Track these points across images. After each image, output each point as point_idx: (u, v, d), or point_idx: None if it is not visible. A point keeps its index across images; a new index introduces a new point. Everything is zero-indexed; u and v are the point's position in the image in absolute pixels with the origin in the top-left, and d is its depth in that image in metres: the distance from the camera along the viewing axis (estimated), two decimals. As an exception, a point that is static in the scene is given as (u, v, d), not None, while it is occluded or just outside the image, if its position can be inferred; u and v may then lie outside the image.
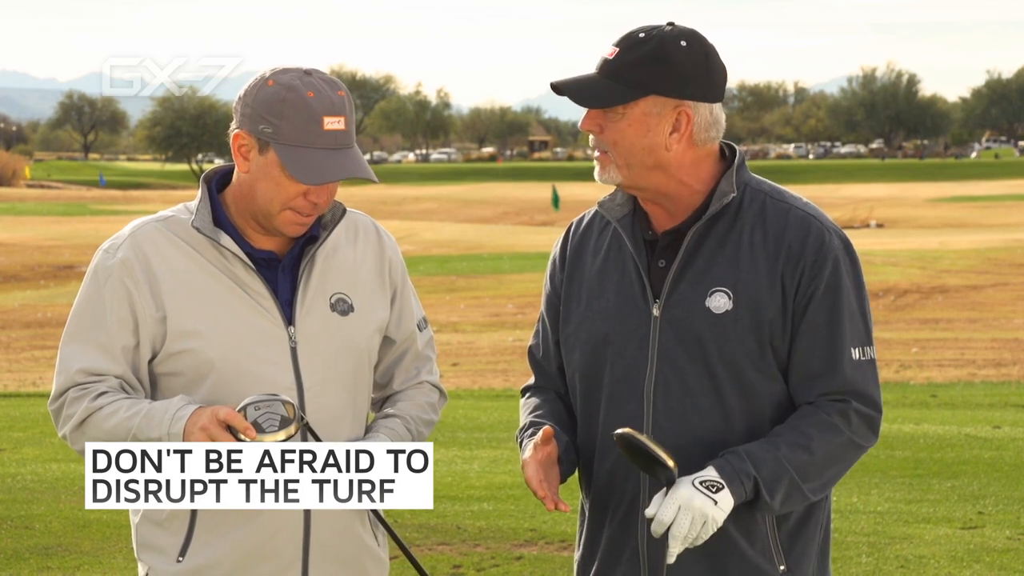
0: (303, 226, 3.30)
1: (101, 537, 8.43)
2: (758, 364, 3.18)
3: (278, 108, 3.20)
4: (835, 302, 3.18)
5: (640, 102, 3.18)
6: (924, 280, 31.99)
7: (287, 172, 3.20)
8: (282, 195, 3.24)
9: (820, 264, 3.18)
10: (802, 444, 3.13)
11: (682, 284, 3.21)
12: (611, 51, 3.21)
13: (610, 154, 3.20)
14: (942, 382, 17.61)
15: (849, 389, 3.18)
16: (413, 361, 3.53)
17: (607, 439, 3.22)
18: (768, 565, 3.21)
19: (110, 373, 3.26)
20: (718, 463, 3.09)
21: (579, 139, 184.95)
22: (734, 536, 3.17)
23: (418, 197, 79.89)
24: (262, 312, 3.29)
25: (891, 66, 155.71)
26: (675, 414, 3.19)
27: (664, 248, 3.25)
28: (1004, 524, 8.60)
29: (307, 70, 3.26)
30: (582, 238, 3.39)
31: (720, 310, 3.18)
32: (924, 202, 70.81)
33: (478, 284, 32.67)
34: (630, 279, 3.26)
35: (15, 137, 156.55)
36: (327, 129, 3.19)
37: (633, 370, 3.22)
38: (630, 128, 3.19)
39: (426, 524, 8.48)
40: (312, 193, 3.24)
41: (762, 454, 3.10)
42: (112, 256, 3.30)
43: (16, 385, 18.25)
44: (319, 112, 3.19)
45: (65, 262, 39.13)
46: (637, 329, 3.23)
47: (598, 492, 3.30)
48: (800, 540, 3.25)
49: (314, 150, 3.18)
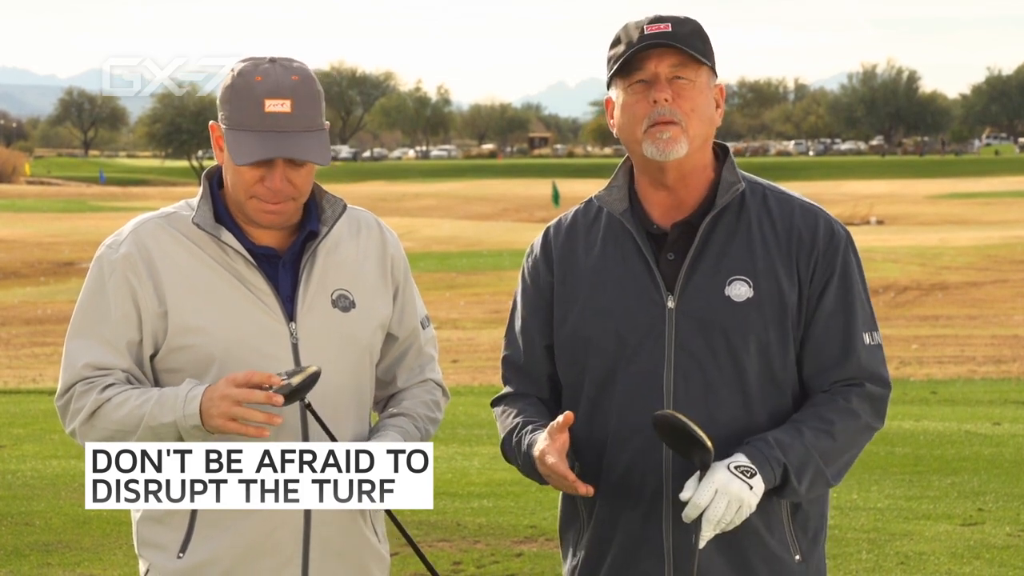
0: (275, 215, 3.27)
1: (101, 533, 8.43)
2: (781, 350, 3.22)
3: (227, 94, 3.25)
4: (848, 289, 3.24)
5: (703, 70, 3.25)
6: (924, 277, 31.99)
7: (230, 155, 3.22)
8: (240, 182, 3.25)
9: (833, 252, 3.24)
10: (825, 430, 3.16)
11: (696, 276, 3.22)
12: (660, 26, 3.22)
13: (682, 124, 3.20)
14: (942, 379, 17.61)
15: (864, 373, 3.23)
16: (416, 359, 3.53)
17: (623, 435, 3.22)
18: (786, 554, 3.24)
19: (116, 367, 3.26)
20: (747, 450, 3.10)
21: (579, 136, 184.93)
22: (756, 526, 3.19)
23: (418, 194, 79.86)
24: (264, 308, 3.28)
25: (891, 63, 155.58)
26: (697, 406, 3.18)
27: (673, 241, 3.25)
28: (1004, 520, 8.60)
29: (274, 58, 3.28)
30: (568, 238, 3.37)
31: (741, 298, 3.20)
32: (924, 199, 70.80)
33: (478, 281, 32.66)
34: (636, 273, 3.25)
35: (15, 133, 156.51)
36: (268, 111, 3.19)
37: (650, 364, 3.21)
38: (701, 96, 3.24)
39: (426, 521, 8.48)
40: (266, 179, 3.22)
41: (789, 440, 3.13)
42: (115, 252, 3.31)
43: (16, 381, 18.24)
44: (260, 95, 3.20)
45: (65, 259, 39.13)
46: (652, 323, 3.22)
47: (612, 489, 3.26)
48: (810, 530, 3.29)
49: (251, 132, 3.19)
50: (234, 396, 3.07)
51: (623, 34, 3.27)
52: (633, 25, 3.26)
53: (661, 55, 3.21)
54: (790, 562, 3.24)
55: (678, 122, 3.20)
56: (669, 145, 3.20)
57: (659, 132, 3.20)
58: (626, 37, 3.25)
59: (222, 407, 3.08)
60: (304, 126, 3.22)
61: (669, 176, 3.26)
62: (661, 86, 3.20)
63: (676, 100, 3.20)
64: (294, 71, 3.25)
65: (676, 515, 3.17)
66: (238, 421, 3.08)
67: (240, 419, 3.07)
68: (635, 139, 3.24)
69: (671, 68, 3.22)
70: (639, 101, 3.22)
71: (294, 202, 3.28)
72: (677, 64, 3.22)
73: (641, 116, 3.22)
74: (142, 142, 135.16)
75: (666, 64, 3.21)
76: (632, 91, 3.24)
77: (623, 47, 3.24)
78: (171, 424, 3.14)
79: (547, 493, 9.35)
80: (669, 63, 3.21)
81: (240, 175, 3.24)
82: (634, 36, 3.23)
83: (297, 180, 3.25)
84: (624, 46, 3.24)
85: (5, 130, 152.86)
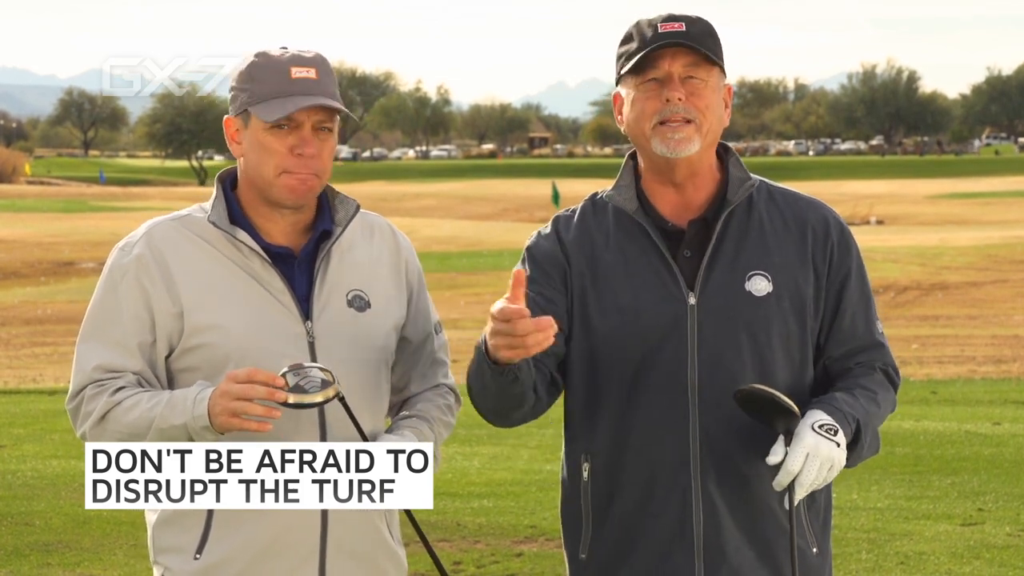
0: (303, 187, 3.26)
1: (101, 533, 8.43)
2: (801, 342, 3.26)
3: (249, 72, 3.28)
4: (863, 279, 3.34)
5: (715, 70, 3.27)
6: (924, 277, 31.99)
7: (262, 121, 3.23)
8: (271, 157, 3.25)
9: (847, 245, 3.32)
10: (871, 398, 3.25)
11: (715, 272, 3.23)
12: (673, 25, 3.23)
13: (696, 122, 3.21)
14: (942, 379, 17.61)
15: (888, 359, 3.35)
16: (430, 364, 3.52)
17: (649, 433, 3.21)
18: (807, 547, 3.27)
19: (128, 369, 3.25)
20: (823, 407, 3.14)
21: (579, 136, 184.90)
22: (782, 520, 3.22)
23: (418, 194, 79.85)
24: (279, 307, 3.28)
25: (891, 63, 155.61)
26: (721, 400, 3.19)
27: (690, 238, 3.26)
28: (1004, 520, 8.60)
29: (284, 47, 3.34)
30: (580, 232, 3.34)
31: (761, 292, 3.22)
32: (924, 199, 70.79)
33: (478, 281, 32.68)
34: (654, 270, 3.25)
35: (15, 134, 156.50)
36: (295, 77, 3.24)
37: (674, 361, 3.21)
38: (713, 95, 3.26)
39: (426, 520, 8.49)
40: (297, 146, 3.24)
41: (851, 400, 3.19)
42: (127, 254, 3.30)
43: (16, 381, 18.24)
44: (286, 64, 3.26)
45: (65, 259, 39.12)
46: (674, 320, 3.22)
47: (636, 488, 3.25)
48: (825, 523, 3.33)
49: (283, 98, 3.23)
50: (234, 392, 3.07)
51: (635, 31, 3.27)
52: (646, 23, 3.26)
53: (675, 54, 3.22)
54: (809, 555, 3.27)
55: (693, 120, 3.21)
56: (682, 144, 3.21)
57: (671, 132, 3.20)
58: (639, 35, 3.25)
59: (222, 403, 3.08)
60: (329, 93, 3.27)
61: (679, 174, 3.26)
62: (674, 85, 3.21)
63: (689, 99, 3.21)
64: (311, 52, 3.32)
65: (707, 510, 3.20)
66: (239, 416, 3.08)
67: (241, 413, 3.07)
68: (644, 135, 3.24)
69: (684, 67, 3.22)
70: (650, 98, 3.23)
71: (318, 179, 3.29)
72: (690, 64, 3.22)
73: (651, 113, 3.22)
74: (142, 142, 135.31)
75: (679, 63, 3.22)
76: (644, 88, 3.24)
77: (636, 44, 3.24)
78: (181, 426, 3.13)
79: (548, 493, 9.35)
80: (683, 62, 3.22)
81: (269, 149, 3.25)
82: (648, 34, 3.23)
83: (324, 152, 3.28)
84: (637, 43, 3.24)
85: (5, 130, 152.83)
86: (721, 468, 3.21)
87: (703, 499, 3.21)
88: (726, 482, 3.22)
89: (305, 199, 3.30)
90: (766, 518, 3.23)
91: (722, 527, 3.21)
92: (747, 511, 3.23)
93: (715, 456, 3.21)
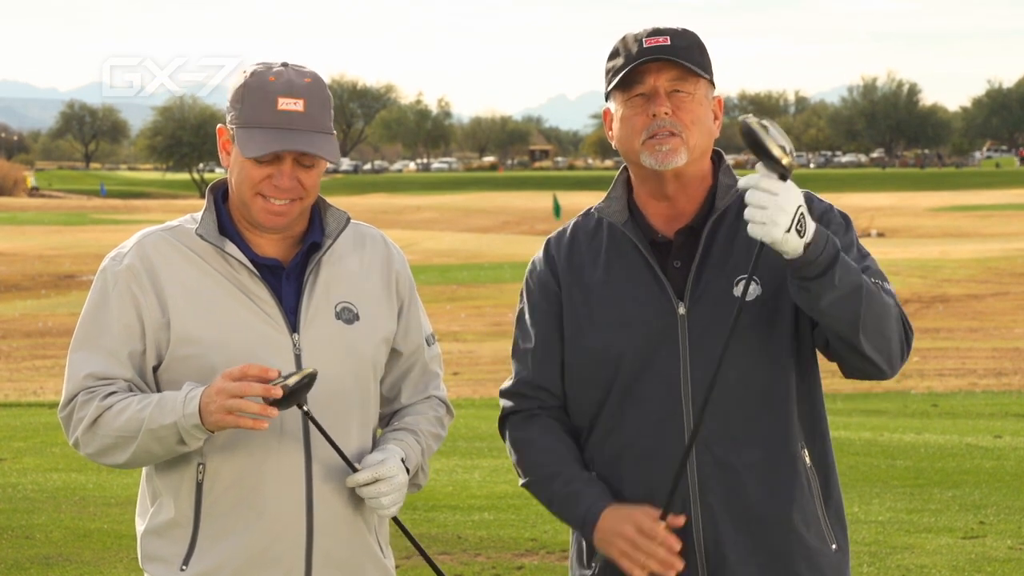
0: (278, 216, 3.27)
1: (102, 547, 8.42)
2: (796, 341, 3.25)
3: (239, 93, 3.27)
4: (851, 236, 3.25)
5: (702, 82, 3.27)
6: (925, 289, 31.99)
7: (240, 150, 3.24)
8: (247, 179, 3.26)
9: (828, 213, 3.28)
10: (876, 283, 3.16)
11: (704, 279, 3.23)
12: (658, 39, 3.22)
13: (683, 136, 3.22)
14: (943, 392, 17.61)
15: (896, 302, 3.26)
16: (421, 376, 3.53)
17: (644, 446, 3.23)
18: (823, 546, 3.28)
19: (119, 377, 3.27)
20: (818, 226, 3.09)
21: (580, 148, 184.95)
22: (796, 526, 3.23)
23: (419, 206, 79.89)
24: (266, 319, 3.29)
25: (891, 75, 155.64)
26: (716, 408, 3.18)
27: (678, 248, 3.27)
28: (1005, 534, 8.59)
29: (286, 63, 3.31)
30: (570, 251, 3.37)
31: (750, 297, 3.21)
32: (925, 211, 70.83)
33: (479, 293, 32.65)
34: (644, 282, 3.26)
35: (16, 147, 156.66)
36: (281, 109, 3.22)
37: (667, 372, 3.22)
38: (700, 108, 3.25)
39: (427, 534, 8.47)
40: (274, 176, 3.24)
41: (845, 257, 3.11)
42: (119, 263, 3.32)
43: (17, 395, 18.24)
44: (273, 93, 3.23)
45: (66, 271, 39.14)
46: (665, 331, 3.23)
47: (635, 500, 3.25)
48: (841, 519, 3.35)
49: (265, 129, 3.22)
50: (230, 390, 3.09)
51: (621, 46, 3.27)
52: (632, 38, 3.27)
53: (660, 69, 3.22)
54: (827, 552, 3.28)
55: (678, 133, 3.21)
56: (668, 156, 3.21)
57: (659, 144, 3.21)
58: (624, 50, 3.26)
59: (219, 401, 3.10)
60: (316, 127, 3.25)
61: (668, 186, 3.27)
62: (660, 100, 3.22)
63: (676, 113, 3.22)
64: (306, 75, 3.29)
65: (707, 519, 3.20)
66: (235, 413, 3.09)
67: (236, 411, 3.08)
68: (633, 150, 3.25)
69: (670, 81, 3.23)
70: (638, 114, 3.24)
71: (300, 203, 3.29)
72: (676, 78, 3.23)
73: (640, 128, 3.23)
74: (143, 155, 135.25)
75: (665, 78, 3.22)
76: (631, 104, 3.25)
77: (622, 60, 3.25)
78: (171, 426, 3.15)
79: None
80: (668, 76, 3.23)
81: (248, 172, 3.25)
82: (633, 49, 3.24)
83: (306, 181, 3.27)
84: (623, 59, 3.25)
85: (6, 143, 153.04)
86: (719, 477, 3.21)
87: (703, 509, 3.21)
88: (725, 491, 3.21)
89: (284, 225, 3.31)
90: (768, 526, 3.23)
91: (723, 536, 3.21)
92: (748, 519, 3.22)
93: (713, 464, 3.21)
